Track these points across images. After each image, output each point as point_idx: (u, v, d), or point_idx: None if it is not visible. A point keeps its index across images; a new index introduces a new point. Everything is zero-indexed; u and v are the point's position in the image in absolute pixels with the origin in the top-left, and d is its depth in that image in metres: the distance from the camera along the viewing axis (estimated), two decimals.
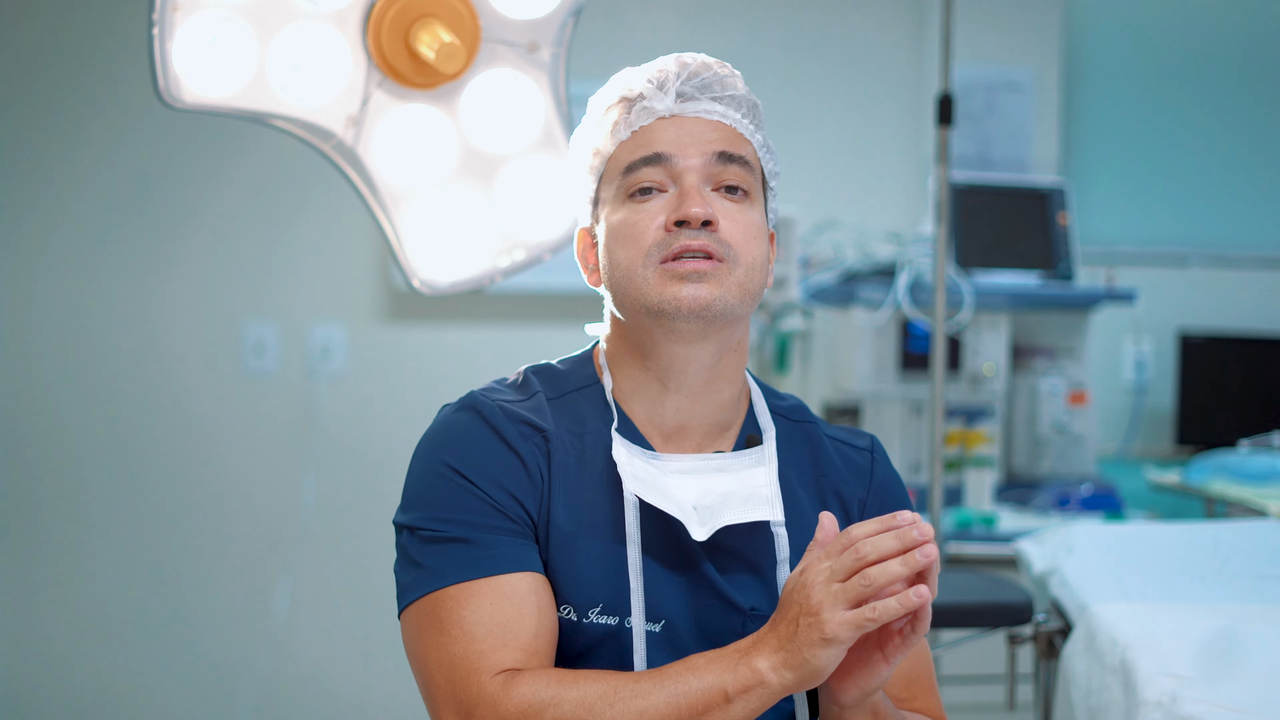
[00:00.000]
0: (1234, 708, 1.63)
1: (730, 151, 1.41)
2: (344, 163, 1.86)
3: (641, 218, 1.40)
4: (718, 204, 1.40)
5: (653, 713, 1.28)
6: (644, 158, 1.40)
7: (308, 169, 3.23)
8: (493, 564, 1.35)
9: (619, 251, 1.41)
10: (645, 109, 1.42)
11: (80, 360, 3.54)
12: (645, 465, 1.41)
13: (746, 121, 1.45)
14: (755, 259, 1.40)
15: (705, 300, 1.37)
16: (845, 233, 3.38)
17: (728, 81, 1.45)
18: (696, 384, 1.43)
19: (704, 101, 1.43)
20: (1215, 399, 3.73)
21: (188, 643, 3.55)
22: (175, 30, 1.72)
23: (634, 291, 1.39)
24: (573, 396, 1.45)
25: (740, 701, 1.27)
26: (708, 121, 1.42)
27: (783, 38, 3.74)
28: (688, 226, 1.37)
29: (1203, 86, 3.92)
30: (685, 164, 1.40)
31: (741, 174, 1.41)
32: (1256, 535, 2.16)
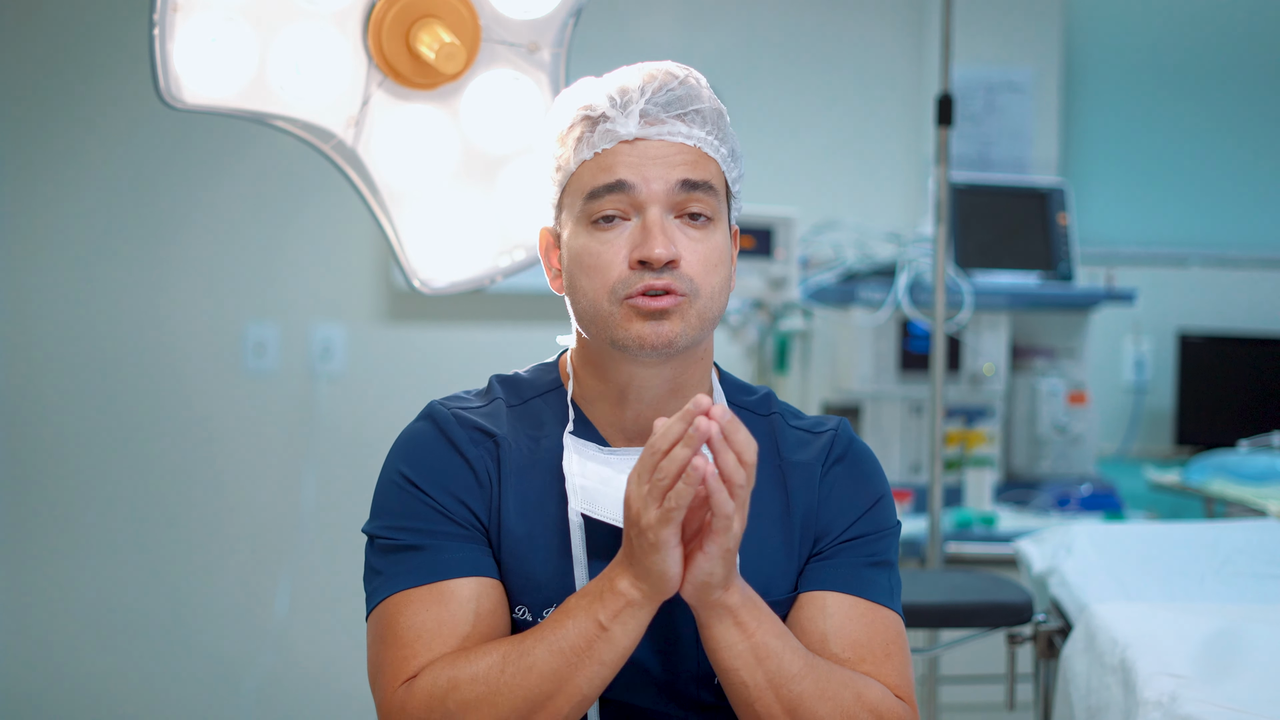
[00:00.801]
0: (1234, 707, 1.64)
1: (693, 179, 1.39)
2: (344, 163, 1.86)
3: (605, 250, 1.39)
4: (680, 237, 1.39)
5: (541, 667, 1.32)
6: (607, 185, 1.39)
7: (308, 169, 3.24)
8: (434, 570, 1.39)
9: (583, 280, 1.41)
10: (608, 131, 1.40)
11: (81, 360, 3.54)
12: (598, 466, 1.43)
13: (712, 138, 1.42)
14: (715, 286, 1.41)
15: (668, 338, 1.38)
16: (845, 233, 3.38)
17: (693, 94, 1.42)
18: (656, 399, 1.45)
19: (668, 123, 1.40)
20: (1215, 399, 3.73)
21: (188, 642, 3.55)
22: (176, 30, 1.72)
23: (599, 323, 1.41)
24: (534, 402, 1.49)
25: (616, 626, 1.31)
26: (671, 145, 1.40)
27: (783, 38, 3.74)
28: (650, 266, 1.38)
29: (1202, 87, 3.92)
30: (648, 194, 1.38)
31: (704, 199, 1.40)
32: (1256, 535, 2.16)
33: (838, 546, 1.46)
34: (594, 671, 1.32)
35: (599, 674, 1.32)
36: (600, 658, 1.31)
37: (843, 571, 1.45)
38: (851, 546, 1.46)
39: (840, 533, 1.47)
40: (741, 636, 1.33)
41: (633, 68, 1.45)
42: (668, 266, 1.38)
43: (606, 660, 1.32)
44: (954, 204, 3.30)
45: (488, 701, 1.32)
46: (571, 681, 1.32)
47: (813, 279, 3.27)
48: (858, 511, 1.48)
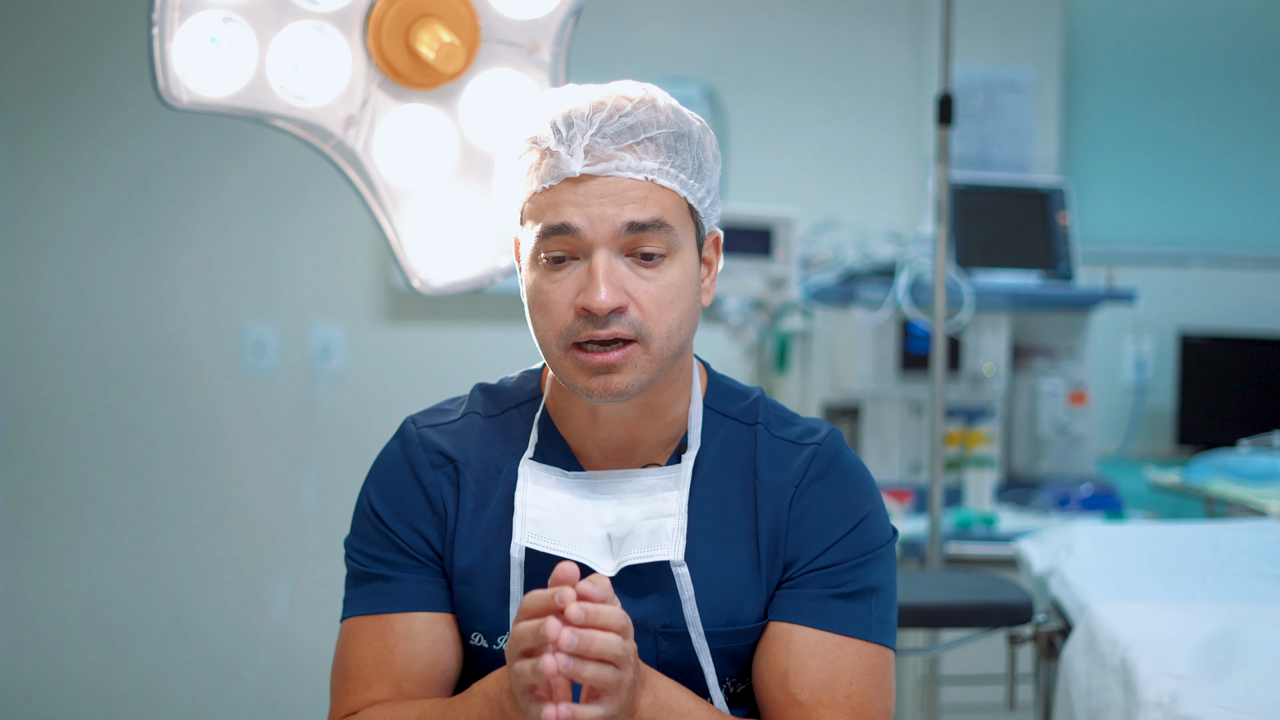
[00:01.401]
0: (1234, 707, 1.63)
1: (640, 220, 1.33)
2: (344, 163, 1.86)
3: (554, 290, 1.35)
4: (630, 278, 1.34)
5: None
6: (553, 227, 1.34)
7: (308, 169, 3.23)
8: (383, 602, 1.43)
9: (536, 318, 1.39)
10: (553, 167, 1.35)
11: (81, 360, 3.54)
12: (557, 494, 1.42)
13: (667, 165, 1.35)
14: (672, 323, 1.36)
15: (618, 389, 1.35)
16: (845, 233, 3.38)
17: (646, 121, 1.35)
18: (629, 420, 1.43)
19: (615, 157, 1.34)
20: (1215, 399, 3.73)
21: (188, 642, 3.55)
22: (175, 30, 1.72)
23: (552, 363, 1.39)
24: (511, 413, 1.49)
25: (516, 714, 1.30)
26: (620, 183, 1.33)
27: (782, 38, 3.74)
28: (593, 316, 1.33)
29: (1203, 86, 3.92)
30: (594, 235, 1.33)
31: (655, 237, 1.34)
32: (1256, 535, 2.16)
33: (808, 575, 1.41)
34: None
35: None
36: None
37: (811, 603, 1.40)
38: (823, 575, 1.41)
39: (811, 559, 1.41)
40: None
41: (585, 89, 1.39)
42: (614, 313, 1.33)
43: None
44: (954, 204, 3.30)
45: None
46: None
47: (813, 279, 3.27)
48: (833, 537, 1.42)
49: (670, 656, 1.40)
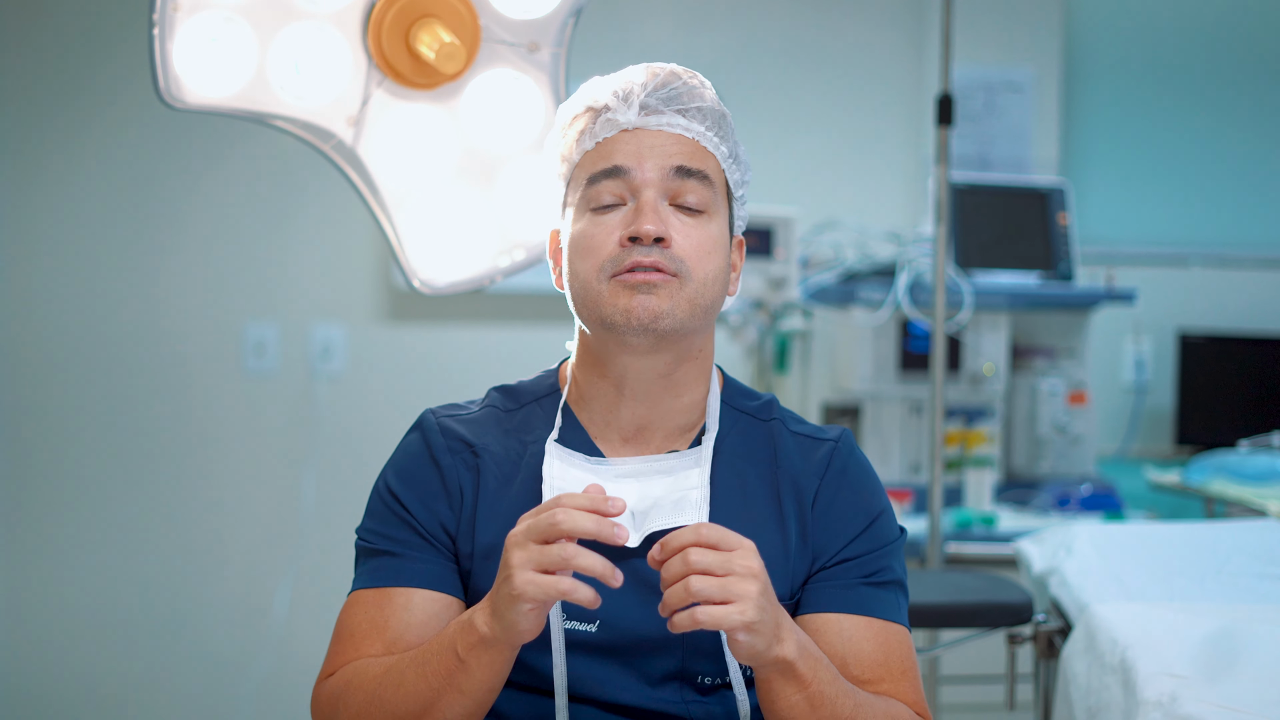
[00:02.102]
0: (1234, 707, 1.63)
1: (688, 166, 1.42)
2: (344, 163, 1.86)
3: (599, 231, 1.42)
4: (673, 220, 1.41)
5: (409, 687, 1.34)
6: (604, 170, 1.42)
7: (308, 169, 3.23)
8: (388, 576, 1.44)
9: (577, 263, 1.44)
10: (609, 120, 1.44)
11: (81, 360, 3.54)
12: (582, 474, 1.44)
13: (711, 134, 1.45)
14: (709, 273, 1.42)
15: (654, 311, 1.39)
16: (845, 233, 3.38)
17: (695, 93, 1.45)
18: (652, 391, 1.46)
19: (667, 115, 1.43)
20: (1215, 399, 3.73)
21: (188, 642, 3.55)
22: (176, 30, 1.72)
23: (590, 303, 1.43)
24: (530, 407, 1.52)
25: (471, 659, 1.31)
26: (669, 135, 1.43)
27: (783, 38, 3.74)
28: (640, 243, 1.39)
29: (1202, 86, 3.92)
30: (643, 178, 1.41)
31: (699, 189, 1.42)
32: (1256, 535, 2.16)
33: (841, 566, 1.46)
34: (455, 700, 1.32)
35: (460, 703, 1.32)
36: (459, 687, 1.32)
37: (851, 592, 1.45)
38: (855, 565, 1.46)
39: (839, 550, 1.46)
40: (798, 688, 1.31)
41: (639, 67, 1.48)
42: (657, 244, 1.40)
43: (466, 690, 1.32)
44: (954, 204, 3.30)
45: (366, 712, 1.36)
46: (435, 707, 1.33)
47: (813, 279, 3.27)
48: (857, 529, 1.47)
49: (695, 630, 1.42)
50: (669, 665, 1.43)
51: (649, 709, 1.43)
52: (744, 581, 1.24)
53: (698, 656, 1.43)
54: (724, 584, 1.24)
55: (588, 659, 1.42)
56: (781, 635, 1.29)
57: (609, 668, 1.41)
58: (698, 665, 1.43)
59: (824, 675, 1.33)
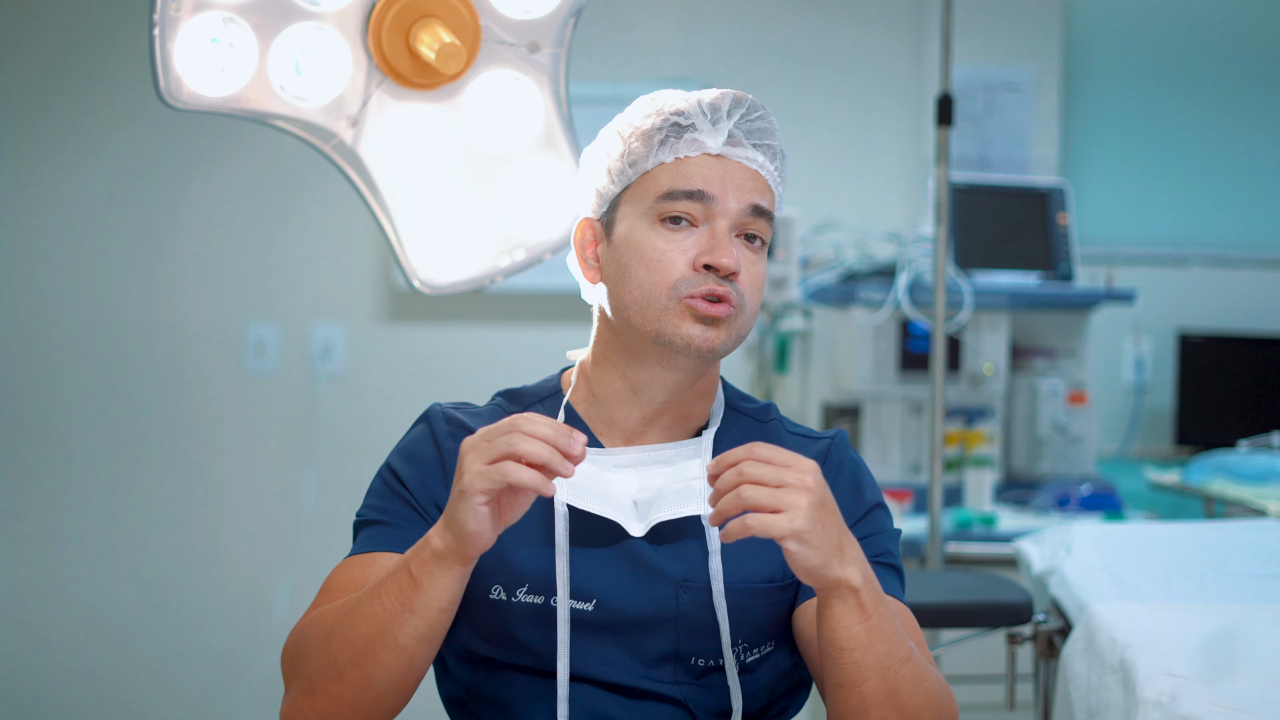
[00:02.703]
0: (1234, 707, 1.63)
1: (762, 205, 1.47)
2: (344, 163, 1.86)
3: (672, 249, 1.44)
4: (741, 253, 1.45)
5: (365, 612, 1.34)
6: (687, 191, 1.45)
7: (308, 169, 3.24)
8: (377, 542, 1.46)
9: (642, 272, 1.45)
10: (694, 140, 1.46)
11: (82, 360, 3.54)
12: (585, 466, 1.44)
13: (778, 174, 1.50)
14: (754, 307, 1.48)
15: (714, 344, 1.44)
16: (845, 233, 3.38)
17: (771, 130, 1.51)
18: (666, 401, 1.49)
19: (749, 148, 1.47)
20: (1215, 399, 3.73)
21: (188, 642, 3.56)
22: (176, 30, 1.72)
23: (652, 317, 1.44)
24: (534, 407, 1.54)
25: (424, 577, 1.32)
26: (748, 170, 1.47)
27: (783, 38, 3.74)
28: (716, 273, 1.43)
29: (1202, 86, 3.92)
30: (723, 208, 1.45)
31: (764, 227, 1.48)
32: (1256, 535, 2.16)
33: None
34: (407, 620, 1.32)
35: (413, 625, 1.32)
36: (411, 606, 1.32)
37: None
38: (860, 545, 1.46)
39: None
40: (860, 617, 1.31)
41: (713, 91, 1.51)
42: (729, 277, 1.43)
43: (418, 609, 1.32)
44: (954, 204, 3.30)
45: (324, 642, 1.37)
46: (389, 631, 1.33)
47: (813, 279, 3.27)
48: (856, 515, 1.50)
49: (690, 610, 1.44)
50: (664, 646, 1.44)
51: (643, 689, 1.44)
52: (795, 493, 1.26)
53: (693, 638, 1.44)
54: (775, 494, 1.26)
55: (583, 637, 1.43)
56: (845, 558, 1.29)
57: (605, 647, 1.43)
58: (692, 646, 1.44)
59: (885, 613, 1.32)
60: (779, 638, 1.48)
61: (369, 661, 1.33)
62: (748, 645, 1.46)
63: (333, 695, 1.35)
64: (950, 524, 3.05)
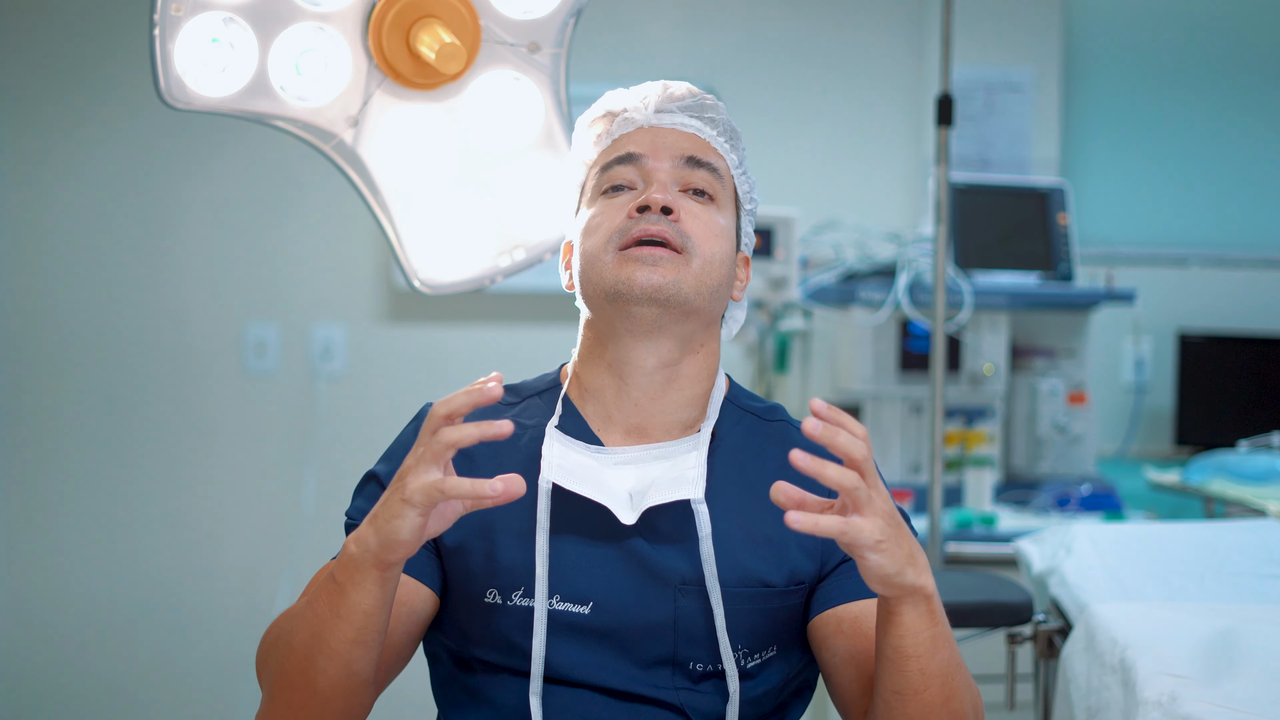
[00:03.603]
0: (1234, 707, 1.63)
1: (699, 157, 1.49)
2: (345, 163, 1.86)
3: (609, 209, 1.47)
4: (685, 202, 1.47)
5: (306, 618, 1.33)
6: (617, 157, 1.49)
7: (308, 168, 3.24)
8: None
9: (586, 242, 1.48)
10: (626, 120, 1.52)
11: (82, 360, 3.54)
12: (582, 459, 1.44)
13: (722, 139, 1.53)
14: (715, 254, 1.46)
15: (658, 283, 1.41)
16: (845, 233, 3.38)
17: (709, 106, 1.54)
18: (654, 383, 1.47)
19: (681, 116, 1.52)
20: (1215, 399, 3.73)
21: (188, 642, 3.56)
22: (176, 31, 1.72)
23: (595, 276, 1.45)
24: (532, 400, 1.54)
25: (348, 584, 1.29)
26: (682, 132, 1.51)
27: (783, 38, 3.74)
28: (649, 212, 1.44)
29: (1202, 86, 3.92)
30: (655, 164, 1.48)
31: (709, 179, 1.49)
32: (1256, 535, 2.16)
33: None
34: (337, 627, 1.31)
35: (343, 630, 1.31)
36: (339, 613, 1.30)
37: None
38: None
39: None
40: (929, 624, 1.30)
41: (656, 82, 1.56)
42: (666, 214, 1.44)
43: (345, 615, 1.30)
44: (954, 204, 3.30)
45: (276, 648, 1.37)
46: (322, 637, 1.32)
47: (813, 279, 3.27)
48: None
49: (688, 612, 1.42)
50: (661, 650, 1.42)
51: (639, 694, 1.43)
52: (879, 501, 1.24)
53: (691, 643, 1.43)
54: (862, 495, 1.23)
55: (579, 642, 1.41)
56: (918, 565, 1.28)
57: (601, 651, 1.41)
58: (690, 652, 1.43)
59: (946, 620, 1.33)
60: (782, 643, 1.47)
61: (309, 668, 1.33)
62: (748, 650, 1.45)
63: (285, 702, 1.35)
64: (950, 524, 3.05)
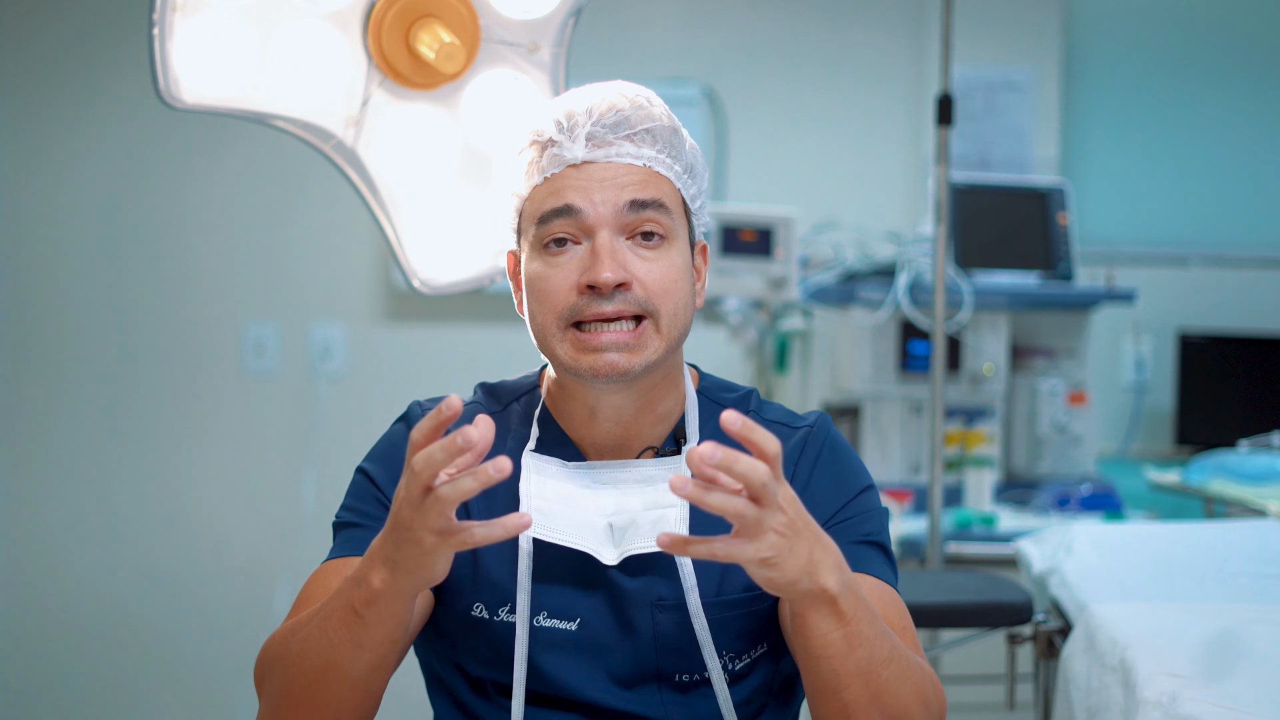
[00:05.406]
0: (1234, 707, 1.63)
1: (642, 198, 1.38)
2: (344, 163, 1.86)
3: (555, 274, 1.38)
4: (632, 258, 1.38)
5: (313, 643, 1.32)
6: (554, 209, 1.38)
7: (308, 168, 3.24)
8: (353, 546, 1.44)
9: (534, 306, 1.41)
10: (555, 155, 1.39)
11: (81, 360, 3.54)
12: (559, 484, 1.42)
13: (664, 155, 1.40)
14: (677, 303, 1.40)
15: (624, 367, 1.37)
16: (845, 233, 3.38)
17: (642, 113, 1.40)
18: (625, 417, 1.44)
19: (615, 144, 1.38)
20: (1215, 399, 3.73)
21: (187, 642, 3.56)
22: (176, 30, 1.72)
23: (549, 349, 1.41)
24: (512, 406, 1.51)
25: (370, 614, 1.27)
26: (620, 166, 1.38)
27: (783, 38, 3.74)
28: (599, 291, 1.36)
29: (1202, 86, 3.92)
30: (595, 216, 1.37)
31: (656, 219, 1.39)
32: (1256, 535, 2.16)
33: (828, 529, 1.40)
34: (356, 655, 1.29)
35: (361, 657, 1.29)
36: (359, 642, 1.29)
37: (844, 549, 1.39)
38: (841, 528, 1.42)
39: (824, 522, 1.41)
40: (837, 624, 1.25)
41: (583, 89, 1.44)
42: (618, 290, 1.37)
43: (366, 645, 1.29)
44: (954, 204, 3.30)
45: (281, 666, 1.36)
46: (338, 663, 1.30)
47: (813, 279, 3.27)
48: (840, 501, 1.44)
49: (666, 628, 1.41)
50: (646, 665, 1.41)
51: (625, 710, 1.42)
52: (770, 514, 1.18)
53: (674, 656, 1.41)
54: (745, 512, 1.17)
55: (566, 657, 1.41)
56: (819, 568, 1.22)
57: (588, 667, 1.41)
58: (675, 664, 1.42)
59: (866, 615, 1.27)
60: (772, 640, 1.45)
61: (323, 693, 1.31)
62: (735, 654, 1.44)
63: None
64: (950, 524, 3.05)
